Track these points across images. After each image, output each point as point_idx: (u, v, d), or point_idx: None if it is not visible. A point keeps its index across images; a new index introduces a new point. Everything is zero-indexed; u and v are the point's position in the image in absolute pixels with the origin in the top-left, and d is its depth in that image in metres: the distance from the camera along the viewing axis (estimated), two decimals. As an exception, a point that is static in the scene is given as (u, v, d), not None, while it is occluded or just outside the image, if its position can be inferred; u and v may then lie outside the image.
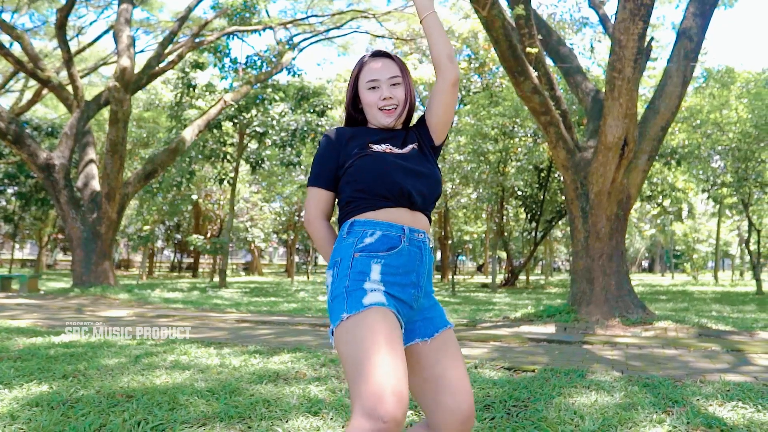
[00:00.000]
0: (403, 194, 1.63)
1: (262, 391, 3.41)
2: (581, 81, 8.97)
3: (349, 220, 1.65)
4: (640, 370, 4.35)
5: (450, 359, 1.62)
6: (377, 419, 1.26)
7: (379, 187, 1.62)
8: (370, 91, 1.75)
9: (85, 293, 11.62)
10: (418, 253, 1.64)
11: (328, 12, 21.98)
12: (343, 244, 1.62)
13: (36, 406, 3.08)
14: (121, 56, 12.05)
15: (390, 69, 1.75)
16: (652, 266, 50.05)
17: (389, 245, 1.59)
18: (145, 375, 3.86)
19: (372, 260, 1.57)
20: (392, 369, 1.35)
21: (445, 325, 1.67)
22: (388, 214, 1.63)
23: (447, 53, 1.71)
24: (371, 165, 1.63)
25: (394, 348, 1.40)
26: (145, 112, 24.44)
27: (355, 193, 1.65)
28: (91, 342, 5.36)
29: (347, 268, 1.57)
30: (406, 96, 1.75)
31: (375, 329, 1.42)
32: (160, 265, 42.45)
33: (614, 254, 7.48)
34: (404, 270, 1.60)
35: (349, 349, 1.42)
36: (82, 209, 12.73)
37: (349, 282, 1.53)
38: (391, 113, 1.74)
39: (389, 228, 1.61)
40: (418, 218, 1.68)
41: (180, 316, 8.32)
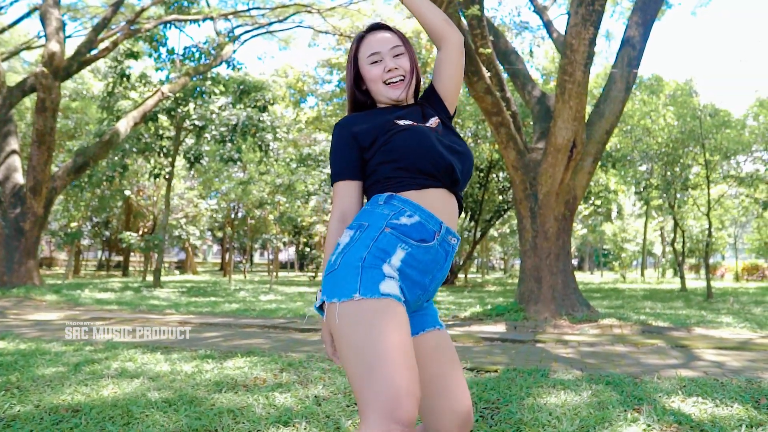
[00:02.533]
0: (448, 171, 1.50)
1: (224, 401, 3.21)
2: (527, 83, 9.15)
3: (388, 193, 1.48)
4: (597, 367, 4.44)
5: (446, 361, 1.53)
6: (396, 422, 1.19)
7: (423, 162, 1.47)
8: (373, 66, 1.62)
9: (6, 295, 10.78)
10: (443, 256, 1.50)
11: (270, 4, 21.47)
12: (375, 212, 1.46)
13: (-34, 424, 2.76)
14: (50, 40, 11.24)
15: (391, 40, 1.63)
16: (581, 265, 52.25)
17: (422, 236, 1.44)
18: (90, 385, 3.56)
19: (400, 243, 1.41)
20: (409, 370, 1.25)
21: (434, 325, 1.56)
22: (431, 198, 1.48)
23: (443, 18, 1.61)
24: (413, 140, 1.48)
25: (408, 349, 1.29)
26: (72, 102, 23.05)
27: (394, 171, 1.49)
28: (21, 349, 4.92)
29: (371, 239, 1.40)
30: (411, 66, 1.63)
31: (391, 325, 1.28)
32: (86, 264, 40.28)
33: (561, 253, 7.67)
34: (424, 268, 1.46)
35: (359, 338, 1.28)
36: (2, 204, 11.80)
37: (368, 256, 1.37)
38: (398, 86, 1.61)
39: (428, 218, 1.46)
40: (454, 209, 1.55)
41: (117, 318, 7.85)
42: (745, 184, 15.91)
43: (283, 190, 21.65)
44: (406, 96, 1.63)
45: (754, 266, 27.57)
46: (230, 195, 27.71)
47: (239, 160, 18.22)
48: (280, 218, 21.76)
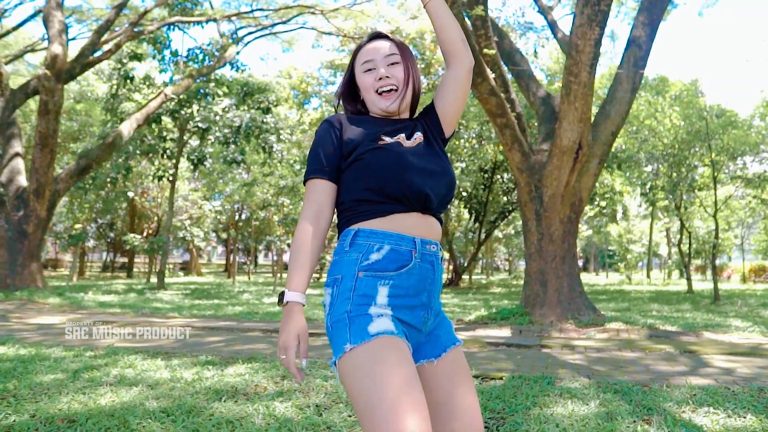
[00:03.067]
0: (419, 196, 1.43)
1: (223, 410, 3.14)
2: (532, 85, 9.06)
3: (353, 228, 1.42)
4: (605, 375, 4.35)
5: (460, 382, 1.47)
6: None
7: (391, 187, 1.41)
8: (366, 74, 1.56)
9: (9, 298, 10.75)
10: (430, 270, 1.45)
11: (274, 6, 21.44)
12: (344, 260, 1.40)
13: (-40, 435, 2.70)
14: (53, 42, 11.21)
15: (387, 48, 1.57)
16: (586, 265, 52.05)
17: (399, 263, 1.39)
18: (88, 393, 3.50)
19: (378, 282, 1.37)
20: (414, 410, 1.19)
21: (452, 343, 1.51)
22: (399, 221, 1.42)
23: (461, 37, 1.54)
24: (384, 160, 1.43)
25: (411, 384, 1.23)
26: (76, 104, 23.08)
27: (362, 192, 1.43)
28: (20, 355, 4.87)
29: (349, 290, 1.36)
30: (407, 77, 1.55)
31: (387, 363, 1.24)
32: (91, 265, 40.36)
33: (567, 256, 7.57)
34: (415, 291, 1.41)
35: (359, 387, 1.24)
36: (5, 206, 11.77)
37: (352, 306, 1.34)
38: (389, 96, 1.54)
39: (399, 241, 1.40)
40: (431, 225, 1.48)
41: (120, 322, 7.80)
42: (752, 185, 15.76)
43: (286, 192, 21.62)
44: (399, 107, 1.56)
45: (761, 267, 27.35)
46: (234, 196, 27.72)
47: (243, 162, 18.17)
48: (284, 220, 21.70)
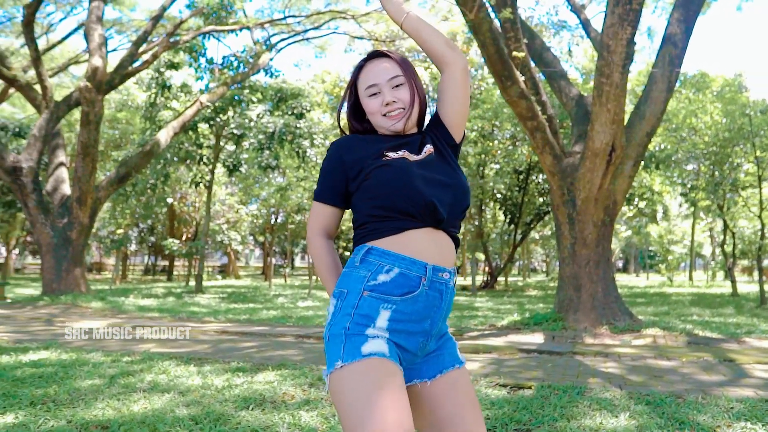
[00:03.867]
0: (428, 208, 1.42)
1: (250, 419, 3.19)
2: (565, 86, 8.91)
3: (366, 244, 1.44)
4: (639, 384, 4.24)
5: (461, 403, 1.45)
6: None
7: (399, 201, 1.41)
8: (371, 98, 1.55)
9: (55, 302, 11.17)
10: (437, 298, 1.43)
11: (306, 12, 21.69)
12: (353, 275, 1.41)
13: (1, 440, 2.82)
14: (93, 55, 11.61)
15: (389, 70, 1.55)
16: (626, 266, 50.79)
17: (406, 289, 1.39)
18: (122, 399, 3.61)
19: (382, 305, 1.37)
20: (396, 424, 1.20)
21: (453, 364, 1.49)
22: (412, 241, 1.41)
23: (444, 42, 1.53)
24: (390, 176, 1.43)
25: (398, 407, 1.23)
26: (118, 113, 23.83)
27: (372, 210, 1.44)
28: (62, 360, 5.05)
29: (352, 306, 1.37)
30: (412, 96, 1.54)
31: (375, 386, 1.24)
32: (133, 269, 41.57)
33: (601, 261, 7.42)
34: (418, 317, 1.40)
35: (345, 404, 1.25)
36: (51, 214, 12.25)
37: (351, 324, 1.35)
38: (396, 117, 1.53)
39: (410, 266, 1.40)
40: (444, 244, 1.47)
41: (157, 326, 8.00)
42: (801, 183, 15.11)
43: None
44: (405, 126, 1.56)
45: (813, 268, 26.17)
46: (270, 201, 28.12)
47: (277, 167, 18.44)
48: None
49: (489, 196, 21.07)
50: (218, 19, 17.33)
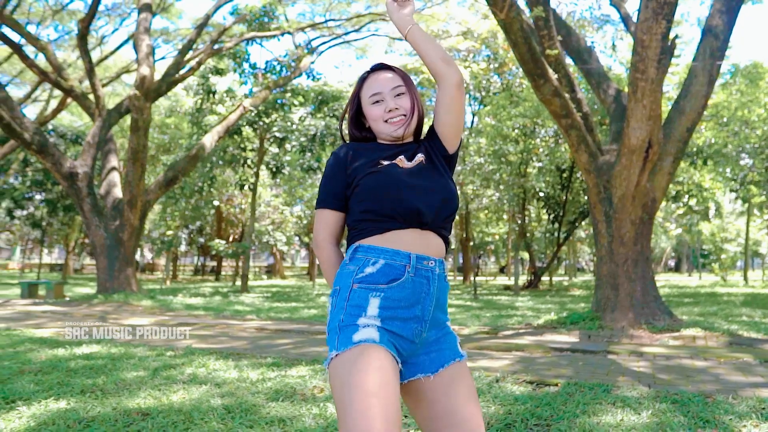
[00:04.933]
0: (411, 212, 1.53)
1: (279, 410, 3.35)
2: (602, 82, 8.77)
3: (354, 244, 1.56)
4: (668, 384, 4.20)
5: (460, 395, 1.52)
6: None
7: (385, 206, 1.53)
8: (375, 106, 1.66)
9: (108, 300, 11.76)
10: (424, 283, 1.53)
11: (346, 15, 21.97)
12: (343, 272, 1.54)
13: (52, 424, 3.07)
14: (141, 65, 12.17)
15: (392, 80, 1.68)
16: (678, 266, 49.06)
17: (391, 276, 1.49)
18: (162, 390, 3.84)
19: (371, 293, 1.48)
20: (379, 411, 1.27)
21: (454, 358, 1.56)
22: (396, 237, 1.53)
23: (440, 57, 1.61)
24: (378, 182, 1.55)
25: (381, 391, 1.30)
26: (167, 119, 24.74)
27: (361, 214, 1.56)
28: (111, 353, 5.37)
29: (344, 300, 1.49)
30: (412, 105, 1.67)
31: (363, 370, 1.32)
32: (183, 269, 42.95)
33: (639, 259, 7.28)
34: (407, 303, 1.50)
35: (336, 390, 1.35)
36: (104, 217, 12.89)
37: (345, 316, 1.46)
38: (398, 123, 1.65)
39: (394, 256, 1.51)
40: (430, 241, 1.57)
41: (201, 324, 8.35)
42: None
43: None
44: (404, 133, 1.66)
45: None
46: (313, 202, 28.57)
47: (319, 169, 18.76)
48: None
49: (531, 195, 20.82)
50: (261, 25, 17.77)
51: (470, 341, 6.51)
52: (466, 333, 7.32)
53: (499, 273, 45.39)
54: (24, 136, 11.78)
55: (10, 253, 46.66)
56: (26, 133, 11.84)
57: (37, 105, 23.96)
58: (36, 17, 19.77)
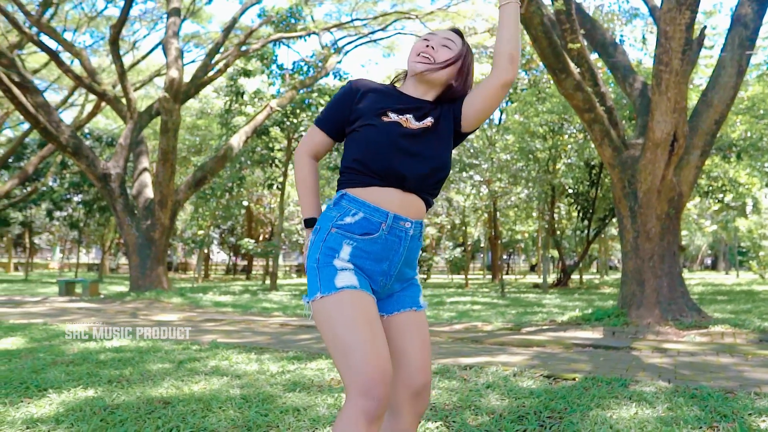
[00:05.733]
0: (395, 175, 1.60)
1: (295, 400, 3.43)
2: (628, 75, 8.62)
3: (342, 190, 1.64)
4: (689, 379, 4.13)
5: (412, 339, 1.65)
6: (373, 399, 1.41)
7: (372, 162, 1.60)
8: (422, 41, 1.72)
9: (140, 297, 12.09)
10: (396, 242, 1.61)
11: (372, 14, 22.04)
12: (326, 214, 1.64)
13: (80, 410, 3.20)
14: (170, 68, 12.47)
15: (452, 37, 1.73)
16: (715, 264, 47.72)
17: (366, 230, 1.58)
18: (185, 381, 3.96)
19: (345, 240, 1.58)
20: (377, 353, 1.45)
21: (411, 306, 1.68)
22: (378, 194, 1.60)
23: (510, 53, 1.62)
24: (373, 138, 1.60)
25: (374, 330, 1.48)
26: (198, 120, 25.23)
27: (351, 162, 1.63)
28: (140, 347, 5.54)
29: (321, 240, 1.59)
30: (450, 61, 1.68)
31: (353, 314, 1.47)
32: (215, 268, 43.71)
33: (666, 255, 7.15)
34: (376, 257, 1.60)
35: (329, 331, 1.49)
36: (136, 216, 13.25)
37: (320, 255, 1.57)
38: (424, 61, 1.68)
39: (373, 212, 1.59)
40: (411, 202, 1.63)
41: (227, 320, 8.52)
42: None
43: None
44: (425, 76, 1.68)
45: None
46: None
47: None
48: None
49: (560, 192, 20.56)
50: (287, 26, 17.99)
51: (492, 337, 6.50)
52: (488, 329, 7.31)
53: (530, 271, 44.94)
54: (60, 140, 12.20)
55: (51, 253, 48.26)
56: (62, 136, 12.26)
57: (74, 109, 24.73)
58: (72, 24, 20.42)
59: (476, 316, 9.06)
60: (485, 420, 3.05)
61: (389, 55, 39.06)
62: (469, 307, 10.95)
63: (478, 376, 4.13)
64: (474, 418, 3.08)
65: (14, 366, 4.45)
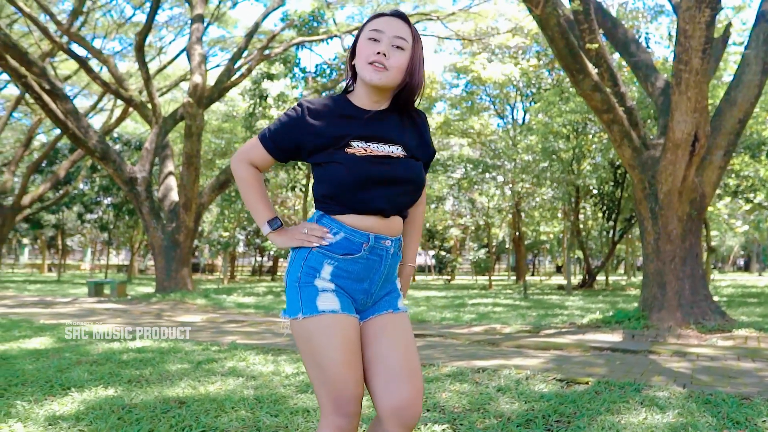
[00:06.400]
0: (375, 210, 1.57)
1: (306, 401, 3.49)
2: (650, 74, 8.50)
3: (320, 212, 1.61)
4: (706, 384, 4.07)
5: (387, 340, 1.59)
6: (345, 416, 1.51)
7: (347, 200, 1.55)
8: (369, 42, 1.55)
9: (165, 299, 12.34)
10: (377, 261, 1.60)
11: (393, 16, 22.05)
12: None
13: (99, 409, 3.31)
14: (194, 73, 12.72)
15: (400, 30, 1.55)
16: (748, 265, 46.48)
17: (347, 250, 1.57)
18: (201, 381, 4.06)
19: (326, 260, 1.56)
20: (351, 373, 1.51)
21: (387, 309, 1.64)
22: (356, 220, 1.57)
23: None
24: (341, 176, 1.53)
25: (350, 353, 1.51)
26: (223, 123, 25.61)
27: (324, 197, 1.59)
28: (161, 347, 5.68)
29: (302, 259, 1.58)
30: (405, 66, 1.55)
31: (331, 339, 1.49)
32: (242, 269, 44.26)
33: (688, 257, 7.03)
34: (357, 277, 1.59)
35: (307, 351, 1.53)
36: (162, 219, 13.54)
37: (302, 275, 1.56)
38: (379, 70, 1.52)
39: (354, 233, 1.56)
40: (392, 223, 1.62)
41: (249, 321, 8.65)
42: None
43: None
44: (380, 84, 1.55)
45: None
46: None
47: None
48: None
49: (585, 192, 20.31)
50: (310, 30, 18.14)
51: (509, 340, 6.48)
52: (506, 332, 7.29)
53: (556, 272, 44.44)
54: (88, 145, 12.55)
55: (83, 254, 49.51)
56: (90, 141, 12.61)
57: (104, 114, 25.34)
58: (102, 31, 20.94)
59: (496, 318, 9.03)
60: (493, 423, 3.06)
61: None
62: (490, 309, 10.91)
63: (490, 379, 4.14)
64: (482, 421, 3.10)
65: (41, 365, 4.61)
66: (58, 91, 12.27)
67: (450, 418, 3.15)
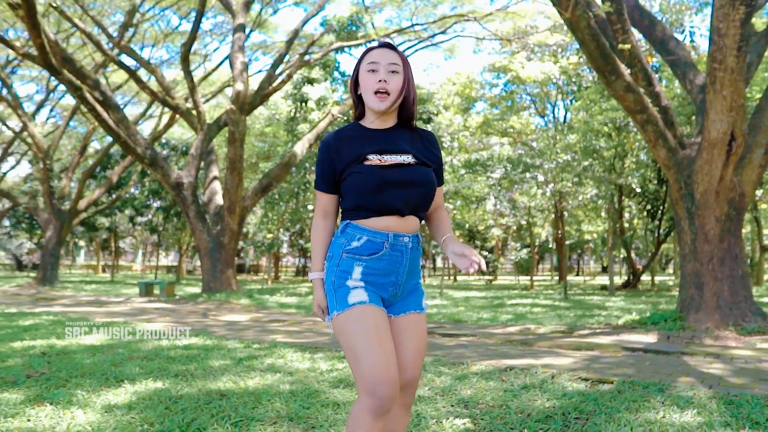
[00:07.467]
0: (392, 210, 1.83)
1: (337, 395, 3.71)
2: (689, 72, 8.37)
3: (346, 221, 1.90)
4: (734, 386, 4.08)
5: (408, 336, 1.89)
6: (377, 398, 1.68)
7: (367, 204, 1.83)
8: (369, 74, 1.85)
9: (211, 299, 12.84)
10: (399, 256, 1.86)
11: (432, 18, 22.16)
12: (336, 242, 1.89)
13: (148, 399, 3.61)
14: (236, 81, 13.19)
15: (391, 57, 1.86)
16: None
17: (372, 250, 1.84)
18: (241, 376, 4.33)
19: (355, 262, 1.84)
20: (384, 359, 1.71)
21: (415, 309, 1.93)
22: (379, 222, 1.84)
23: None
24: (361, 182, 1.82)
25: (381, 339, 1.74)
26: (266, 127, 26.25)
27: (349, 208, 1.88)
28: (206, 345, 6.02)
29: (335, 265, 1.86)
30: (402, 86, 1.86)
31: (362, 327, 1.74)
32: (286, 270, 45.09)
33: (726, 257, 6.92)
34: (384, 272, 1.85)
35: (344, 342, 1.77)
36: (207, 222, 14.07)
37: (335, 278, 1.84)
38: (383, 98, 1.84)
39: (375, 235, 1.83)
40: (408, 223, 1.88)
41: (291, 321, 8.96)
42: None
43: (449, 197, 22.17)
44: (386, 109, 1.87)
45: None
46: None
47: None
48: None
49: (628, 191, 19.91)
50: (349, 34, 18.44)
51: (542, 340, 6.55)
52: (541, 332, 7.34)
53: (602, 272, 43.50)
54: (137, 151, 13.18)
55: (134, 255, 51.48)
56: (139, 148, 13.24)
57: (152, 120, 26.37)
58: (150, 40, 21.83)
59: (533, 319, 9.06)
60: (512, 419, 3.20)
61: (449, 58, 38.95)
62: (528, 310, 10.91)
63: (516, 378, 4.26)
64: (502, 417, 3.24)
65: (97, 360, 4.99)
66: (109, 101, 12.94)
67: (472, 414, 3.31)
